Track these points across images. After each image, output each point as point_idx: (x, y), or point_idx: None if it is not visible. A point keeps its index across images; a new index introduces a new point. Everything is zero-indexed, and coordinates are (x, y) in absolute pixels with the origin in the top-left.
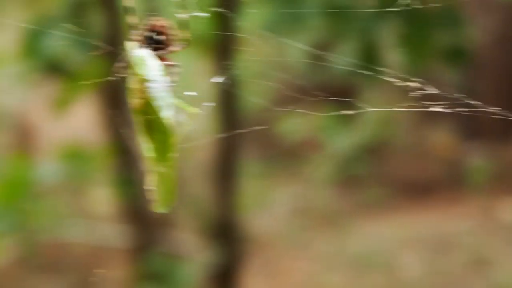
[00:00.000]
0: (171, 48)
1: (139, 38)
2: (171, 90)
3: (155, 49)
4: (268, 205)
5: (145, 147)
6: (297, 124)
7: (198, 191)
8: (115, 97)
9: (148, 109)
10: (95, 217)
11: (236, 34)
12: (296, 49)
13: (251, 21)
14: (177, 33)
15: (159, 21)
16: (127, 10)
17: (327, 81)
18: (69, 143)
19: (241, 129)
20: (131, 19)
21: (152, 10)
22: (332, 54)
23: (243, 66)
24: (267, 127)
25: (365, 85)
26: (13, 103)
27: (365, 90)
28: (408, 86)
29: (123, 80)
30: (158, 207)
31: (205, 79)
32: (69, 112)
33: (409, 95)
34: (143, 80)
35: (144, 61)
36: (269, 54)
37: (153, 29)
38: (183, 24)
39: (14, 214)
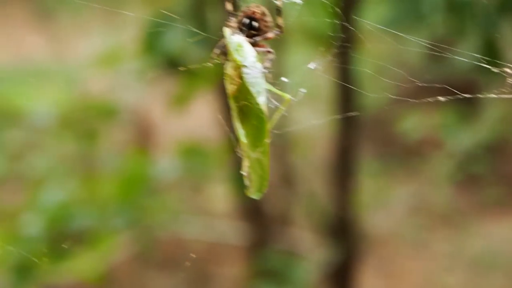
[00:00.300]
0: (266, 35)
1: (236, 24)
2: (265, 76)
3: (251, 36)
4: (386, 203)
5: (240, 132)
6: (417, 122)
7: (315, 189)
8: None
9: (243, 95)
10: (212, 213)
11: (354, 30)
12: (416, 45)
13: (370, 17)
14: (272, 19)
15: (255, 8)
16: None
17: (447, 78)
18: (187, 140)
19: (359, 126)
20: (228, 6)
21: None
22: (452, 50)
23: (362, 62)
24: (385, 124)
25: (486, 82)
26: (133, 99)
27: (486, 87)
28: None
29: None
30: (252, 193)
31: (322, 75)
32: (187, 108)
33: None
34: (239, 66)
35: (240, 46)
36: (388, 50)
37: (249, 16)
38: (278, 11)
39: (131, 210)
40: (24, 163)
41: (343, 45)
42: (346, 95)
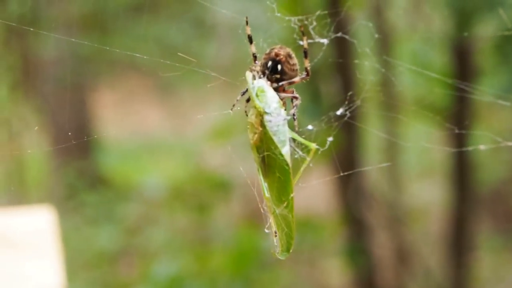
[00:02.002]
0: (292, 79)
1: (260, 68)
2: (290, 123)
3: (275, 80)
4: (507, 280)
5: (263, 186)
6: None
7: (431, 264)
8: (346, 166)
9: (266, 145)
10: (327, 287)
11: (470, 102)
12: None
13: (486, 86)
14: (297, 62)
15: (279, 50)
16: (250, 40)
17: None
18: (299, 213)
19: (476, 200)
20: (253, 48)
21: (274, 38)
22: None
23: (479, 136)
24: (508, 198)
25: None
26: (245, 173)
27: None
28: None
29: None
30: (279, 254)
31: (437, 148)
32: (300, 181)
33: None
34: (261, 113)
35: (262, 92)
36: (509, 121)
37: (273, 58)
38: (305, 53)
39: (243, 283)
40: (139, 237)
41: (459, 117)
42: (462, 169)
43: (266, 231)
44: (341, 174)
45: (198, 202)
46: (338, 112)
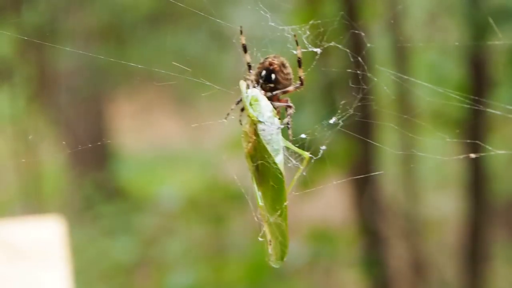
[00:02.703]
0: (286, 88)
1: (254, 77)
2: (283, 132)
3: (269, 89)
4: None
5: (257, 195)
6: None
7: (446, 275)
8: (362, 178)
9: (259, 153)
10: None
11: (486, 114)
12: None
13: (502, 97)
14: (291, 71)
15: (273, 59)
16: (244, 49)
17: None
18: (316, 224)
19: (492, 211)
20: (247, 58)
21: (269, 47)
22: None
23: (496, 146)
24: None
25: None
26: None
27: None
28: None
29: (371, 161)
30: (273, 262)
31: (455, 158)
32: (315, 192)
33: None
34: (254, 122)
35: (255, 101)
36: None
37: (266, 68)
38: (299, 62)
39: None
40: (156, 247)
41: (474, 129)
42: (478, 180)
43: (260, 239)
44: (355, 177)
45: (214, 213)
46: (331, 121)
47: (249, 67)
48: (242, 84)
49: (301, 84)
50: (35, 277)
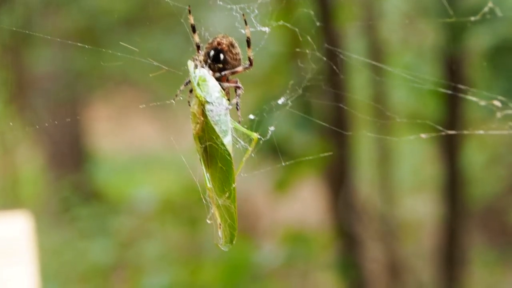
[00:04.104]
0: (235, 69)
1: (202, 57)
2: (232, 113)
3: (218, 70)
4: None
5: (205, 177)
6: None
7: (422, 278)
8: (338, 179)
9: (208, 134)
10: None
11: (461, 115)
12: None
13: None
14: (240, 52)
15: (221, 39)
16: (193, 29)
17: None
18: (291, 226)
19: (469, 214)
20: (196, 38)
21: (216, 27)
22: None
23: (475, 149)
24: (502, 213)
25: None
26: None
27: None
28: None
29: (346, 163)
30: (222, 245)
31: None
32: (290, 194)
33: None
34: (202, 102)
35: (203, 81)
36: (504, 137)
37: (215, 48)
38: (248, 42)
39: None
40: (132, 250)
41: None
42: (455, 184)
43: (208, 221)
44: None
45: (189, 215)
46: (280, 102)
47: (198, 47)
48: (190, 64)
49: (250, 64)
50: (1, 273)
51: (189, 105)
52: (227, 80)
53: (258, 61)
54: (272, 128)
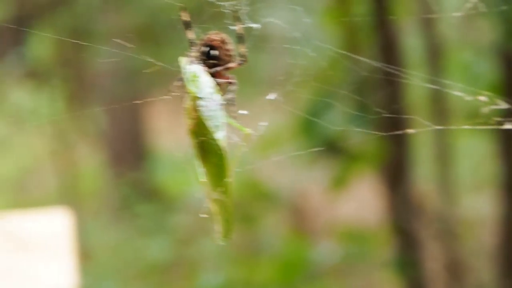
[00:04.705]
0: (228, 65)
1: (195, 53)
2: (225, 108)
3: (211, 66)
4: None
5: (199, 171)
6: None
7: (483, 277)
8: (395, 177)
9: (201, 130)
10: None
11: None
12: None
13: None
14: (233, 48)
15: (214, 35)
16: (186, 25)
17: None
18: (347, 224)
19: None
20: (190, 34)
21: (212, 24)
22: None
23: None
24: None
25: None
26: (292, 182)
27: None
28: None
29: (404, 161)
30: (219, 239)
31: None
32: (347, 191)
33: None
34: (195, 98)
35: (195, 77)
36: None
37: (208, 44)
38: (240, 38)
39: None
40: (190, 247)
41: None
42: None
43: (204, 216)
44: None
45: (247, 212)
46: (271, 97)
47: (191, 44)
48: (182, 60)
49: (244, 60)
50: (40, 268)
51: (182, 101)
52: (221, 76)
53: (312, 57)
54: (263, 123)
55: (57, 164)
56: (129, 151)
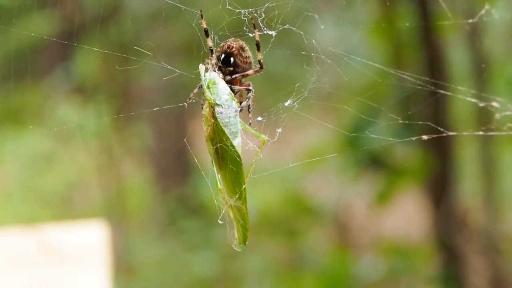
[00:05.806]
0: (245, 72)
1: (214, 61)
2: (242, 115)
3: (228, 73)
4: None
5: (217, 178)
6: None
7: None
8: (439, 192)
9: (218, 136)
10: None
11: None
12: None
13: None
14: (251, 55)
15: (232, 43)
16: (206, 33)
17: None
18: (391, 239)
19: None
20: (209, 42)
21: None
22: None
23: None
24: None
25: None
26: (336, 197)
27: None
28: None
29: (449, 175)
30: (236, 246)
31: None
32: (391, 206)
33: None
34: (212, 104)
35: (213, 84)
36: None
37: (225, 51)
38: (257, 46)
39: None
40: (235, 262)
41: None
42: None
43: (220, 222)
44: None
45: (290, 227)
46: (286, 104)
47: (211, 51)
48: (202, 67)
49: (261, 67)
50: (74, 280)
51: (201, 108)
52: (239, 83)
53: (358, 71)
54: (279, 130)
55: (103, 179)
56: (175, 166)
